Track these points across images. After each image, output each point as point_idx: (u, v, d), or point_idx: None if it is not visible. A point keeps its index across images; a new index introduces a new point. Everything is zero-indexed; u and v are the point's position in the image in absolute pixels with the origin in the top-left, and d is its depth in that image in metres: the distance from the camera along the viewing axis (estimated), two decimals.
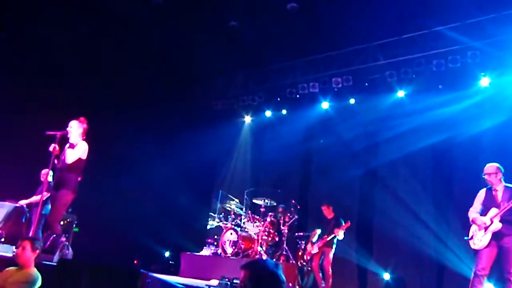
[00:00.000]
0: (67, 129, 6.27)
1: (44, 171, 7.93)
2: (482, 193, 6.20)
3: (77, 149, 6.17)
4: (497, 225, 5.80)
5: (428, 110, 9.18)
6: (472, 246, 6.05)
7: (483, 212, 6.04)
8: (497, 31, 8.10)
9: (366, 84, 9.95)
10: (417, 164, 9.50)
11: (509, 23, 7.94)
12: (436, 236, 8.58)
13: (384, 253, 9.41)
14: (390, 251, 9.28)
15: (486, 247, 5.86)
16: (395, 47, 9.37)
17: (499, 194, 5.98)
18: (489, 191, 6.11)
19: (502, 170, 6.01)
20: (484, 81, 8.81)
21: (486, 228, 5.88)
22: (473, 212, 6.13)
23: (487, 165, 6.12)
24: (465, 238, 6.18)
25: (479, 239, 5.92)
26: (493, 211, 5.90)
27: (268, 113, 11.78)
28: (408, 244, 8.76)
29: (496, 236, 5.81)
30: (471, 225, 6.12)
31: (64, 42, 9.31)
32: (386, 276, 9.19)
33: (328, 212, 8.57)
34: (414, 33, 9.06)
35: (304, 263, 8.93)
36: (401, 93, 9.82)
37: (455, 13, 8.31)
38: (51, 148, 6.15)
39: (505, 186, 5.96)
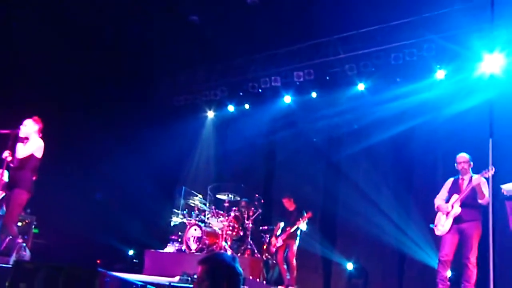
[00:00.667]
0: (21, 127, 6.06)
1: None
2: (449, 182, 6.46)
3: (29, 145, 5.98)
4: (456, 210, 6.04)
5: (388, 102, 9.34)
6: (436, 233, 6.27)
7: (448, 200, 6.26)
8: (451, 25, 8.33)
9: (327, 77, 10.04)
10: (378, 156, 9.68)
11: (462, 18, 8.17)
12: (396, 226, 8.79)
13: (347, 244, 9.57)
14: (353, 242, 9.45)
15: (448, 232, 6.08)
16: (354, 40, 9.49)
17: (465, 182, 6.23)
18: (456, 180, 6.35)
19: (471, 161, 6.29)
20: (440, 74, 9.04)
21: (447, 214, 6.10)
22: (439, 199, 6.38)
23: (459, 154, 6.37)
24: (430, 225, 6.40)
25: (442, 224, 6.16)
26: (455, 197, 6.15)
27: (231, 108, 11.74)
28: (370, 235, 8.95)
29: (457, 221, 6.05)
30: (437, 213, 6.32)
31: (20, 37, 9.03)
32: (349, 266, 9.36)
33: (289, 205, 8.63)
34: (373, 27, 9.20)
35: (269, 257, 8.98)
36: (361, 86, 9.95)
37: (412, 7, 8.49)
38: (4, 156, 5.94)
39: (471, 176, 6.18)
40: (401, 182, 9.20)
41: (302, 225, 8.27)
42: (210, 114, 12.27)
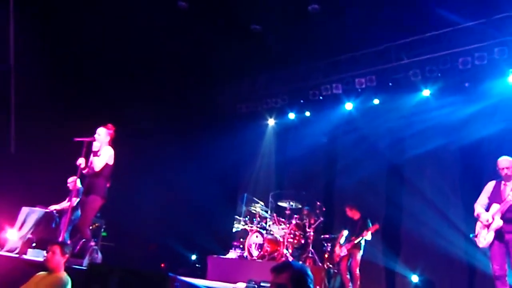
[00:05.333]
0: (95, 135, 6.36)
1: (71, 179, 8.09)
2: (490, 186, 5.99)
3: (103, 155, 6.25)
4: (498, 223, 5.63)
5: (455, 108, 9.03)
6: (479, 245, 5.88)
7: (488, 207, 5.86)
8: None
9: (390, 84, 9.84)
10: (445, 164, 9.34)
11: None
12: (466, 237, 8.39)
13: (412, 255, 9.26)
14: (418, 253, 9.13)
15: (493, 245, 5.68)
16: (419, 45, 9.25)
17: (507, 189, 5.77)
18: (498, 184, 5.90)
19: None
20: None
21: (488, 226, 5.71)
22: (479, 207, 5.95)
23: (503, 158, 5.92)
24: (470, 235, 6.03)
25: (483, 237, 5.76)
26: (495, 207, 5.72)
27: (292, 116, 11.77)
28: (437, 246, 8.61)
29: (499, 234, 5.65)
30: (476, 221, 5.95)
31: (94, 49, 9.56)
32: (415, 278, 9.04)
33: (353, 213, 8.50)
34: (439, 31, 8.93)
35: (331, 266, 8.87)
36: (426, 92, 9.67)
37: (480, 9, 8.16)
38: (78, 163, 6.24)
39: None
40: (471, 191, 8.73)
41: (368, 236, 8.12)
42: (271, 121, 12.36)
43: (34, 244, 7.69)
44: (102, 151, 6.27)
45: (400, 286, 9.29)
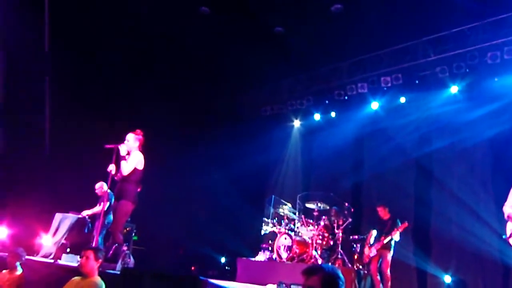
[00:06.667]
0: (124, 142, 6.47)
1: (98, 185, 8.27)
2: None
3: (131, 160, 6.33)
4: None
5: (484, 104, 8.85)
6: None
7: None
8: None
9: (417, 81, 9.72)
10: (475, 161, 9.16)
11: None
12: (499, 235, 8.20)
13: (444, 255, 9.10)
14: (449, 252, 8.97)
15: None
16: (445, 41, 9.11)
17: None
18: None
19: None
20: None
21: None
22: (508, 208, 5.77)
23: None
24: (503, 236, 5.87)
25: None
26: None
27: (317, 116, 11.73)
28: (469, 245, 8.45)
29: None
30: (507, 222, 5.78)
31: (119, 57, 9.76)
32: (447, 279, 8.88)
33: (384, 213, 8.38)
34: (465, 26, 8.77)
35: (361, 267, 8.78)
36: (454, 89, 9.51)
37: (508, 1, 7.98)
38: (109, 169, 6.35)
39: None
40: (503, 188, 8.54)
41: (396, 236, 8.00)
42: (297, 123, 12.36)
43: (68, 250, 7.88)
44: (131, 156, 6.37)
45: (432, 287, 9.13)
